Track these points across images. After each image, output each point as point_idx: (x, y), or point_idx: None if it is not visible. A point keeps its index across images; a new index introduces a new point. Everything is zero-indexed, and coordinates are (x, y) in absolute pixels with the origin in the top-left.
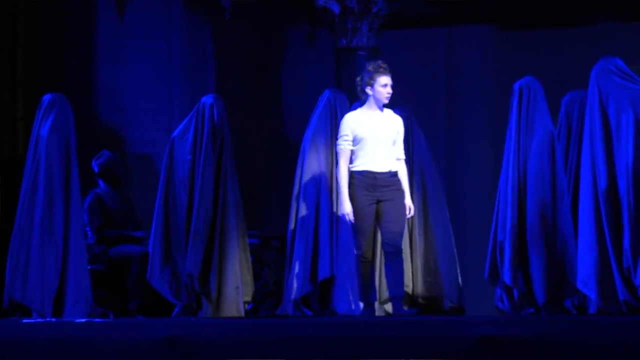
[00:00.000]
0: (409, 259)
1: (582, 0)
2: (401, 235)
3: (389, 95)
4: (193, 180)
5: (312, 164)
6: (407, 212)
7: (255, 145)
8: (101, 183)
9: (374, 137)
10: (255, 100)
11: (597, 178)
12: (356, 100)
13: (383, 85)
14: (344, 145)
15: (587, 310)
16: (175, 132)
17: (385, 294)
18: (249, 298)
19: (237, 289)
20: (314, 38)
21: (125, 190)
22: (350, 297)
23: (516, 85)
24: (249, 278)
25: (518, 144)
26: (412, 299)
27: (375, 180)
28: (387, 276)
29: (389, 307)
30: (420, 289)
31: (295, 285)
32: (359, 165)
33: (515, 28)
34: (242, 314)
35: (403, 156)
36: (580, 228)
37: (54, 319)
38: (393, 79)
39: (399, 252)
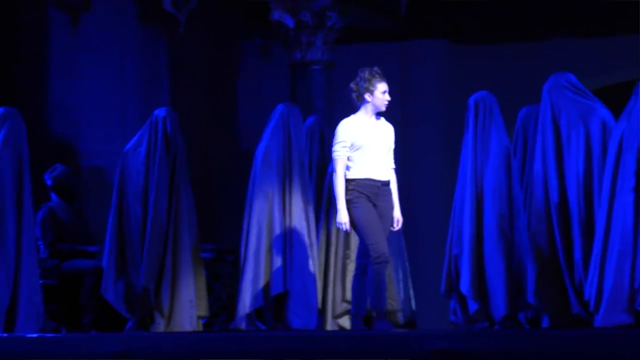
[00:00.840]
0: None
1: (536, 16)
2: None
3: (387, 103)
4: (147, 194)
5: (264, 179)
6: (395, 225)
7: (210, 158)
8: (54, 197)
9: (372, 144)
10: (209, 113)
11: (549, 191)
12: (310, 114)
13: (383, 92)
14: (342, 152)
15: (540, 324)
16: (128, 145)
17: (338, 308)
18: (203, 312)
19: (190, 302)
20: (269, 51)
21: (78, 204)
22: (305, 312)
23: (472, 100)
24: (202, 292)
25: (475, 159)
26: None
27: (378, 189)
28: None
29: (342, 321)
30: None
31: (246, 299)
32: (359, 173)
33: (469, 43)
34: (196, 328)
35: (394, 165)
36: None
37: (5, 334)
38: (346, 94)
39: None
